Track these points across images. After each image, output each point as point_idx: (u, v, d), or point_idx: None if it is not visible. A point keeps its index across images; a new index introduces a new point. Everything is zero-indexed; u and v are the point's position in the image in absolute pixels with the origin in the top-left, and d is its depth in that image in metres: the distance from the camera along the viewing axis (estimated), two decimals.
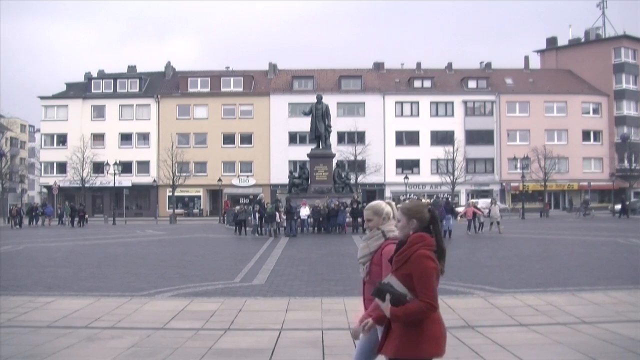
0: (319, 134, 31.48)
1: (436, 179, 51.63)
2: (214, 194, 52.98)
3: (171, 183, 46.09)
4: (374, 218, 3.83)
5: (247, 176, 54.68)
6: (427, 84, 56.68)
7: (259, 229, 26.05)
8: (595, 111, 57.62)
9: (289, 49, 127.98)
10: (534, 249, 18.08)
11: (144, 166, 54.71)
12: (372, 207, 3.89)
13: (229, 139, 55.14)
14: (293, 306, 8.43)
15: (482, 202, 35.45)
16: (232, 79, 56.55)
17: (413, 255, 3.15)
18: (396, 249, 3.34)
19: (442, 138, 54.12)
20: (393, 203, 3.87)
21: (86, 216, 40.54)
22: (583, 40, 62.95)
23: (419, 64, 60.60)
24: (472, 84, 56.93)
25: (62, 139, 55.53)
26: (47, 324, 7.40)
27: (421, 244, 3.18)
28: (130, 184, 52.25)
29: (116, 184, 45.78)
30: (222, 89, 55.79)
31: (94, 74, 59.13)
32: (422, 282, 3.10)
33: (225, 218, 39.96)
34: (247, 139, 55.18)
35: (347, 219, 26.58)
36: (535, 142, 52.69)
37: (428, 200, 31.39)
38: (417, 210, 3.32)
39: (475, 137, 55.06)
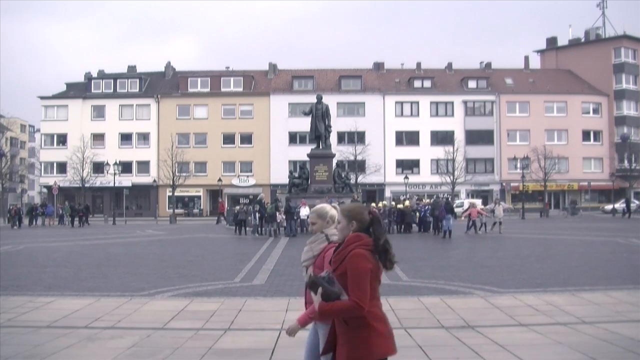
0: (319, 134, 31.45)
1: (436, 179, 51.63)
2: (214, 194, 52.99)
3: (171, 183, 46.08)
4: (317, 221, 3.82)
5: (247, 176, 54.67)
6: (427, 84, 56.67)
7: (259, 229, 26.04)
8: (595, 111, 57.61)
9: (289, 49, 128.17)
10: (534, 249, 18.08)
11: (144, 166, 54.70)
12: (316, 210, 3.87)
13: (229, 139, 55.14)
14: (293, 306, 8.42)
15: (468, 202, 35.95)
16: (232, 79, 56.54)
17: (348, 255, 3.16)
18: (335, 250, 3.36)
19: (442, 138, 54.12)
20: (339, 207, 3.80)
21: (89, 216, 40.62)
22: (583, 40, 62.93)
23: (419, 64, 60.60)
24: (472, 84, 56.91)
25: (62, 139, 55.54)
26: (47, 324, 7.40)
27: (357, 244, 3.19)
28: (130, 184, 52.22)
29: (116, 184, 45.77)
30: (222, 89, 55.78)
31: (94, 74, 59.13)
32: (354, 281, 3.10)
33: (220, 219, 39.98)
34: (247, 139, 55.17)
35: None
36: (535, 142, 52.68)
37: (384, 203, 31.04)
38: (358, 212, 3.34)
39: (475, 137, 55.06)
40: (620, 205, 47.71)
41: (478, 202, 44.17)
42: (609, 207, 49.65)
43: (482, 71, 59.90)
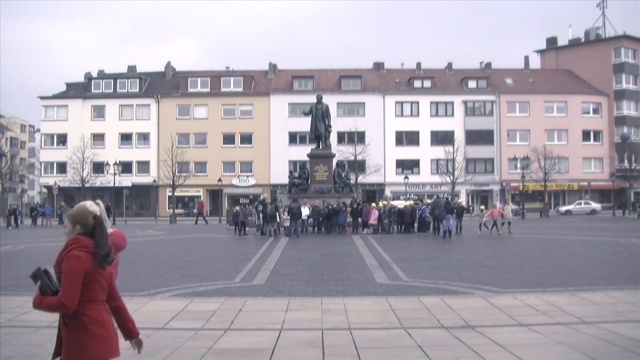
0: (319, 134, 31.45)
1: (436, 179, 51.62)
2: (214, 194, 53.00)
3: (171, 183, 46.08)
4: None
5: (247, 176, 54.67)
6: (427, 84, 56.66)
7: (262, 228, 25.95)
8: (595, 111, 57.61)
9: (289, 49, 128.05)
10: (534, 249, 18.09)
11: (144, 166, 54.71)
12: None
13: (229, 139, 55.15)
14: (293, 306, 8.43)
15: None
16: (232, 79, 56.55)
17: (65, 256, 3.27)
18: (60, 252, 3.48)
19: (442, 138, 54.11)
20: (102, 204, 3.75)
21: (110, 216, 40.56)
22: (583, 40, 62.94)
23: (419, 64, 60.60)
24: (472, 84, 56.91)
25: (62, 139, 55.54)
26: (47, 324, 7.38)
27: (74, 246, 3.30)
28: (130, 184, 52.26)
29: (116, 184, 45.80)
30: (222, 89, 55.80)
31: (94, 74, 59.13)
32: (64, 281, 3.22)
33: (198, 219, 39.93)
34: (247, 139, 55.18)
35: (347, 219, 26.66)
36: (535, 142, 52.69)
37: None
38: (82, 217, 3.42)
39: (475, 137, 55.06)
40: (575, 206, 50.60)
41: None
42: (563, 208, 51.51)
43: (482, 71, 59.90)
